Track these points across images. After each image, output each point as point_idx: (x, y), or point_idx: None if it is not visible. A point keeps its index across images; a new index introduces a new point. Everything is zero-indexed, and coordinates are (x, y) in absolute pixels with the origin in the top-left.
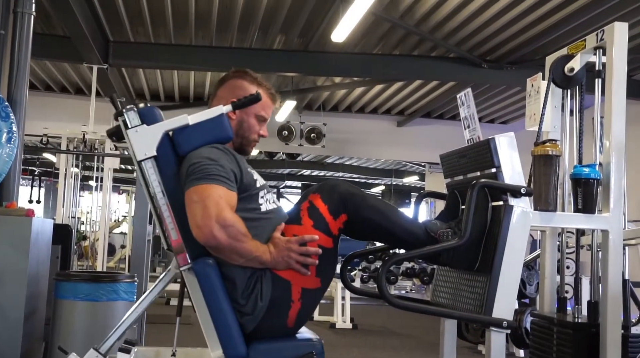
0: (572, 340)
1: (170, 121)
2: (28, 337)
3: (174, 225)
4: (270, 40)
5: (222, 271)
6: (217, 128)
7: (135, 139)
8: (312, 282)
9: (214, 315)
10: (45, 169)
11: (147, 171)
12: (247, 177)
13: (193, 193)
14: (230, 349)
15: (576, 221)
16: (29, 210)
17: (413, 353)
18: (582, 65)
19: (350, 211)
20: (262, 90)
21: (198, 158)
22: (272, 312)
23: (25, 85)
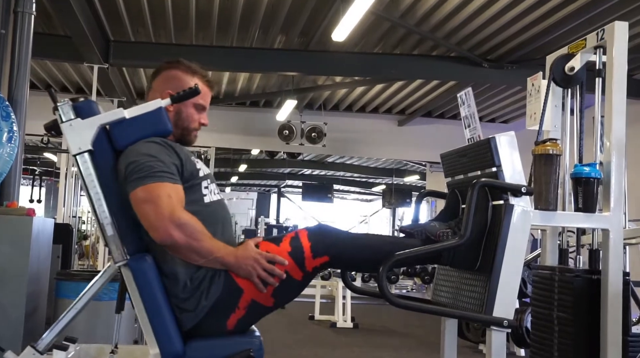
0: (573, 287)
1: (106, 115)
2: (29, 335)
3: (109, 220)
4: (270, 40)
5: (162, 267)
6: (155, 122)
7: (69, 133)
8: (265, 299)
9: (149, 311)
10: (46, 168)
11: (82, 165)
12: (189, 166)
13: (141, 192)
14: (167, 346)
15: (577, 221)
16: (30, 209)
17: (414, 352)
18: (582, 64)
19: (333, 255)
20: (198, 78)
21: (137, 156)
22: (215, 313)
23: (26, 85)
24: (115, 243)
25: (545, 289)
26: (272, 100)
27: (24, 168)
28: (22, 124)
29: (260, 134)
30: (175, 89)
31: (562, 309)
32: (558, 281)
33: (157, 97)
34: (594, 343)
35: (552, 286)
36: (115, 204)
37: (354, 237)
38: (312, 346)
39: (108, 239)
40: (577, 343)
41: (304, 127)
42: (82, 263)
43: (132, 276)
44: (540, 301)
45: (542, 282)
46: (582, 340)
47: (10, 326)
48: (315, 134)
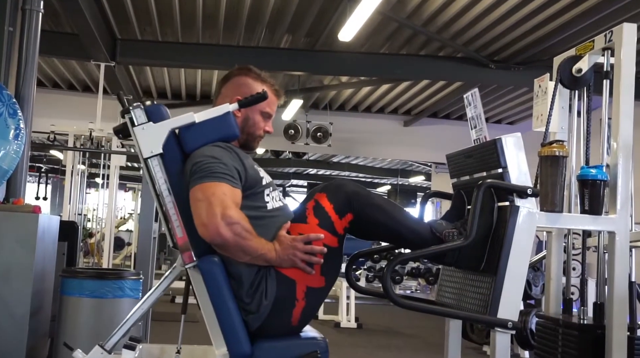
0: (578, 341)
1: (177, 119)
2: (34, 333)
3: (179, 223)
4: (277, 39)
5: (228, 269)
6: (223, 126)
7: (141, 137)
8: (317, 281)
9: (218, 313)
10: (52, 166)
11: (153, 168)
12: (252, 174)
13: (197, 191)
14: (235, 347)
15: (582, 223)
16: (36, 207)
17: (418, 353)
18: (590, 66)
19: (355, 210)
20: (267, 86)
21: (201, 157)
22: (277, 310)
23: (33, 82)
24: (185, 245)
25: (550, 340)
26: None
27: (30, 165)
28: (29, 122)
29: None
30: (244, 96)
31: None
32: (562, 334)
33: (227, 102)
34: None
35: (555, 338)
36: (184, 207)
37: (369, 193)
38: None
39: (177, 241)
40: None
41: (309, 127)
42: (87, 260)
43: (201, 278)
44: (545, 352)
45: (546, 333)
46: None
47: (15, 323)
48: (320, 134)
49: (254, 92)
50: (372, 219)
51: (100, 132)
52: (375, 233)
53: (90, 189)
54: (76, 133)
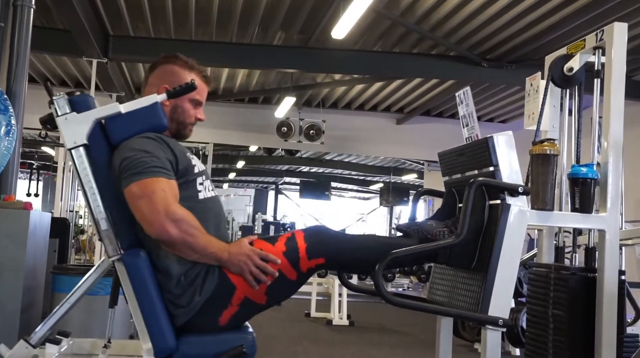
0: (569, 285)
1: (101, 109)
2: (25, 329)
3: (104, 215)
4: (270, 37)
5: (156, 263)
6: (151, 117)
7: (64, 127)
8: (258, 296)
9: (143, 306)
10: (43, 162)
11: (77, 159)
12: (184, 162)
13: (135, 188)
14: (159, 341)
15: (573, 221)
16: (27, 203)
17: (409, 350)
18: (581, 65)
19: (328, 257)
20: (195, 74)
21: (131, 151)
22: (207, 308)
23: (24, 78)
24: (109, 238)
25: (541, 287)
26: (271, 97)
27: (21, 162)
28: (20, 118)
29: (258, 130)
30: (172, 84)
31: (557, 307)
32: (554, 279)
33: (154, 92)
34: (589, 341)
35: (548, 284)
36: (110, 199)
37: (350, 239)
38: (307, 343)
39: (102, 234)
40: (572, 341)
41: (302, 125)
42: (79, 257)
43: (125, 271)
44: (536, 298)
45: (538, 280)
46: (577, 337)
47: (6, 319)
48: (313, 131)
49: (182, 81)
50: (347, 263)
51: None
52: (353, 270)
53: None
54: None
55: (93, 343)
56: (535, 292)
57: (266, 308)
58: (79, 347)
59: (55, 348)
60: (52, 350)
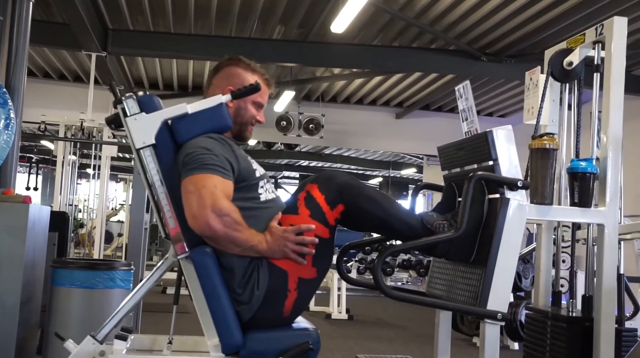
0: (566, 334)
1: (169, 110)
2: (24, 323)
3: (171, 213)
4: (269, 30)
5: (220, 260)
6: (216, 117)
7: (134, 127)
8: (309, 272)
9: (211, 303)
10: (42, 156)
11: (146, 159)
12: (245, 166)
13: (189, 183)
14: (227, 337)
15: (572, 215)
16: (26, 197)
17: (408, 344)
18: (580, 59)
19: (347, 201)
20: (257, 76)
21: (193, 148)
22: (269, 301)
23: (23, 72)
24: (177, 236)
25: (539, 332)
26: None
27: (20, 156)
28: (20, 112)
29: (257, 124)
30: (236, 86)
31: (554, 355)
32: (551, 327)
33: (218, 93)
34: None
35: (544, 331)
36: (177, 198)
37: (360, 184)
38: None
39: (169, 232)
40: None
41: (301, 119)
42: (78, 251)
43: (193, 269)
44: (534, 344)
45: (535, 325)
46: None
47: (5, 313)
48: (312, 125)
49: (245, 83)
50: (363, 210)
51: (91, 123)
52: (366, 224)
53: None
54: (67, 123)
55: (153, 339)
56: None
57: (320, 281)
58: (140, 343)
59: (123, 344)
60: (120, 346)
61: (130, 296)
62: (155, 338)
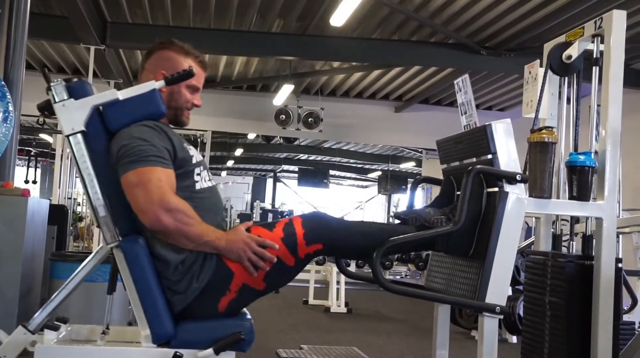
0: (566, 272)
1: (99, 96)
2: (23, 315)
3: (102, 201)
4: (268, 24)
5: (154, 249)
6: (148, 104)
7: (62, 114)
8: (256, 283)
9: (141, 293)
10: (41, 149)
11: (75, 146)
12: (182, 153)
13: (132, 176)
14: (158, 327)
15: (571, 209)
16: (25, 190)
17: (407, 338)
18: (579, 53)
19: (326, 243)
20: (191, 59)
21: (128, 139)
22: (205, 295)
23: (22, 65)
24: (107, 225)
25: (538, 274)
26: (269, 84)
27: (19, 149)
28: (18, 105)
29: (256, 118)
30: (169, 70)
31: (554, 294)
32: (551, 267)
33: (151, 78)
34: (586, 328)
35: (545, 271)
36: (108, 186)
37: (348, 225)
38: (305, 330)
39: (100, 220)
40: (569, 328)
41: (300, 112)
42: (77, 244)
43: (123, 257)
44: (533, 286)
45: (535, 267)
46: (574, 324)
47: (4, 306)
48: (311, 119)
49: (179, 66)
50: (344, 249)
51: None
52: (351, 256)
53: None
54: None
55: (91, 329)
56: (532, 280)
57: (264, 294)
58: (77, 333)
59: (54, 334)
60: (51, 336)
61: (64, 285)
62: (93, 328)
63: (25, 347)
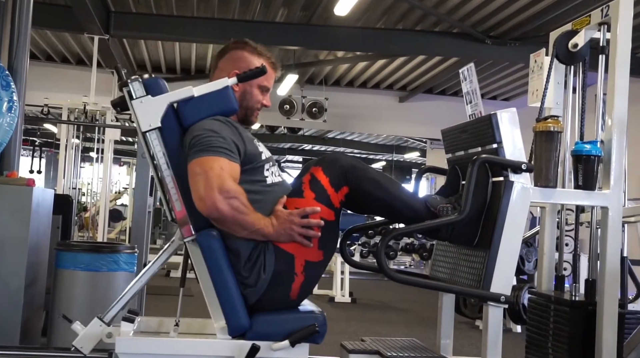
0: (569, 318)
1: (175, 93)
2: (29, 305)
3: (178, 196)
4: (272, 13)
5: (226, 243)
6: (222, 100)
7: (140, 110)
8: (315, 255)
9: (217, 286)
10: (46, 139)
11: (152, 142)
12: (252, 149)
13: (195, 165)
14: (233, 320)
15: (576, 198)
16: (30, 180)
17: (411, 327)
18: (586, 41)
19: (351, 183)
20: (264, 60)
21: (200, 130)
22: (275, 284)
23: (25, 54)
24: (183, 219)
25: (541, 316)
26: None
27: (24, 139)
28: (22, 94)
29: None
30: (242, 70)
31: (557, 339)
32: (554, 311)
33: (224, 76)
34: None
35: (547, 315)
36: (183, 181)
37: (365, 166)
38: None
39: (176, 215)
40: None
41: (304, 102)
42: (82, 234)
43: (200, 251)
44: (537, 328)
45: (538, 309)
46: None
47: (10, 295)
48: (316, 109)
49: (252, 66)
50: (367, 192)
51: (94, 106)
52: (370, 206)
53: (84, 163)
54: (70, 106)
55: (160, 321)
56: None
57: (327, 264)
58: (146, 325)
59: (130, 326)
60: (127, 328)
61: (137, 279)
62: (162, 320)
63: (102, 338)
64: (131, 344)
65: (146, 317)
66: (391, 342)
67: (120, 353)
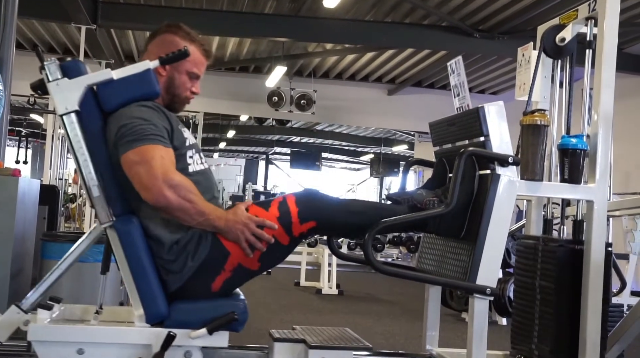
0: (556, 257)
1: (93, 75)
2: (14, 296)
3: (96, 181)
4: (261, 5)
5: (147, 229)
6: (143, 84)
7: (56, 93)
8: (251, 263)
9: (134, 272)
10: (32, 130)
11: (68, 125)
12: (178, 135)
13: (133, 155)
14: (151, 308)
15: (562, 191)
16: (15, 170)
17: (398, 319)
18: (573, 35)
19: (319, 220)
20: (195, 46)
21: (129, 119)
22: (200, 274)
23: (12, 44)
24: (101, 205)
25: (529, 258)
26: (262, 66)
27: (10, 129)
28: (8, 84)
29: (249, 100)
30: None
31: (544, 278)
32: (542, 251)
33: (152, 59)
34: (575, 312)
35: (535, 255)
36: (102, 166)
37: (341, 203)
38: (297, 312)
39: (94, 200)
40: (559, 312)
41: (293, 94)
42: (69, 225)
43: (117, 237)
44: (524, 270)
45: (526, 251)
46: (564, 308)
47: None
48: (304, 101)
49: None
50: (337, 227)
51: None
52: (344, 235)
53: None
54: None
55: (84, 309)
56: (523, 263)
57: (258, 274)
58: (70, 312)
59: (47, 313)
60: (44, 315)
61: (57, 265)
62: (87, 308)
63: (19, 326)
64: (44, 332)
65: (70, 304)
66: (322, 331)
67: (33, 340)
